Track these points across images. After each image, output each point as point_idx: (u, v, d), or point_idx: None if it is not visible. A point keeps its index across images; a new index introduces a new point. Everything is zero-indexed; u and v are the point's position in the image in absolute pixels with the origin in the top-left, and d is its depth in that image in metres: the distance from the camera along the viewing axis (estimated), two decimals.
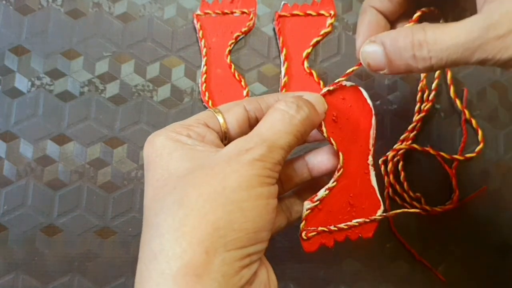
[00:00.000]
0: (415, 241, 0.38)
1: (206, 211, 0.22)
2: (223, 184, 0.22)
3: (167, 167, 0.24)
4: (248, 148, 0.23)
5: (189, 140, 0.25)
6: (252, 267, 0.23)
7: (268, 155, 0.23)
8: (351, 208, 0.30)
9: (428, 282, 0.38)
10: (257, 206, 0.23)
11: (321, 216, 0.29)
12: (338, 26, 0.41)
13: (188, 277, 0.21)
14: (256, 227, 0.22)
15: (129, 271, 0.37)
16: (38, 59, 0.40)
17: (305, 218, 0.29)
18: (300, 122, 0.26)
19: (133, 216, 0.38)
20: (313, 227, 0.29)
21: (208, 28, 0.41)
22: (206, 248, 0.21)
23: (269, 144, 0.24)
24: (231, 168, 0.23)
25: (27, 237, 0.37)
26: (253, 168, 0.23)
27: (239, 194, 0.22)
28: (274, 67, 0.41)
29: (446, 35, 0.23)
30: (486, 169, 0.39)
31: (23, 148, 0.38)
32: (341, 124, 0.30)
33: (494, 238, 0.38)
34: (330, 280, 0.37)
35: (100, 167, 0.38)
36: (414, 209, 0.36)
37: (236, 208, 0.22)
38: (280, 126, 0.25)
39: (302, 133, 0.26)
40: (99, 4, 0.41)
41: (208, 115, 0.27)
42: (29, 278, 0.37)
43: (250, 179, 0.23)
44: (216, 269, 0.21)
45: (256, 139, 0.24)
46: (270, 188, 0.24)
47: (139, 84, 0.40)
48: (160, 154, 0.25)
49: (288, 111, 0.26)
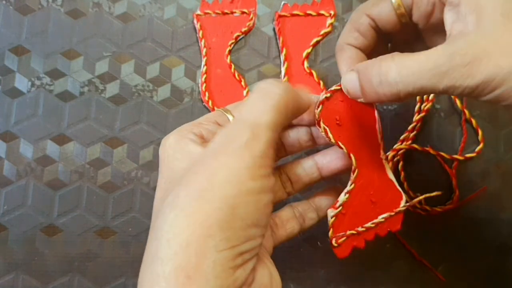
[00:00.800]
0: (415, 241, 0.38)
1: (194, 211, 0.21)
2: (211, 181, 0.21)
3: (171, 168, 0.24)
4: (232, 136, 0.22)
5: (195, 137, 0.25)
6: (246, 267, 0.22)
7: (253, 140, 0.22)
8: (374, 205, 0.30)
9: (428, 282, 0.38)
10: (247, 202, 0.22)
11: (346, 220, 0.29)
12: (338, 26, 0.41)
13: (180, 279, 0.20)
14: (246, 224, 0.22)
15: (129, 271, 0.37)
16: (38, 59, 0.40)
17: (331, 226, 0.29)
18: (280, 95, 0.24)
19: (133, 216, 0.38)
20: (341, 233, 0.29)
21: (208, 28, 0.41)
22: (195, 249, 0.21)
23: (252, 127, 0.22)
24: (218, 162, 0.22)
25: (27, 237, 0.37)
26: (241, 160, 0.22)
27: (228, 190, 0.21)
28: (274, 67, 0.41)
29: (413, 62, 0.24)
30: (486, 169, 0.39)
31: (23, 148, 0.38)
32: (346, 126, 0.29)
33: (494, 238, 0.38)
34: (330, 280, 0.37)
35: (100, 167, 0.38)
36: (416, 199, 0.36)
37: (224, 205, 0.21)
38: (258, 103, 0.24)
39: (286, 108, 0.24)
40: (99, 4, 0.41)
41: (218, 114, 0.27)
42: (29, 278, 0.37)
43: (239, 172, 0.21)
44: (208, 271, 0.21)
45: (239, 125, 0.23)
46: (263, 182, 0.22)
47: (139, 84, 0.40)
48: (168, 155, 0.25)
49: (264, 87, 0.24)
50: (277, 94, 0.24)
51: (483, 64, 0.22)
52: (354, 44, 0.30)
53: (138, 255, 0.37)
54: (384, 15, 0.28)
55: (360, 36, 0.29)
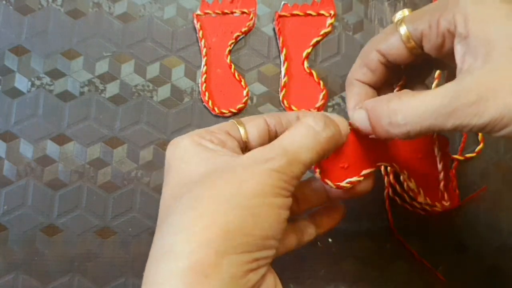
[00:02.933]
0: (415, 241, 0.38)
1: (218, 213, 0.22)
2: (238, 189, 0.22)
3: (188, 171, 0.24)
4: (268, 157, 0.23)
5: (211, 145, 0.25)
6: (259, 271, 0.23)
7: (287, 167, 0.23)
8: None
9: (428, 282, 0.38)
10: (269, 214, 0.23)
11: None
12: (338, 26, 0.41)
13: (195, 276, 0.21)
14: (266, 234, 0.23)
15: (129, 271, 0.37)
16: (38, 59, 0.40)
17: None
18: (325, 140, 0.25)
19: (133, 216, 0.38)
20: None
21: (208, 28, 0.41)
22: (216, 249, 0.21)
23: (290, 157, 0.24)
24: (247, 174, 0.23)
25: (27, 237, 0.37)
26: (269, 177, 0.23)
27: (252, 200, 0.22)
28: (274, 67, 0.41)
29: (419, 102, 0.24)
30: (486, 169, 0.39)
31: (23, 148, 0.38)
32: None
33: (494, 238, 0.38)
34: (330, 280, 0.37)
35: (100, 167, 0.38)
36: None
37: (248, 214, 0.22)
38: (304, 140, 0.25)
39: (325, 151, 0.26)
40: (99, 4, 0.41)
41: (230, 124, 0.28)
42: (29, 278, 0.37)
43: (265, 188, 0.23)
44: (224, 270, 0.21)
45: (277, 150, 0.24)
46: (284, 200, 0.24)
47: (139, 84, 0.40)
48: (182, 157, 0.25)
49: (314, 127, 0.25)
50: (323, 137, 0.25)
51: (490, 103, 0.22)
52: (363, 80, 0.30)
53: (138, 255, 0.37)
54: (394, 49, 0.28)
55: (369, 72, 0.29)
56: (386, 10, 0.42)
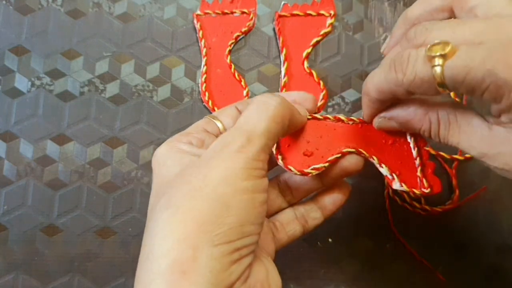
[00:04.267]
0: (415, 241, 0.38)
1: (190, 208, 0.22)
2: (206, 181, 0.22)
3: (164, 174, 0.25)
4: (227, 141, 0.24)
5: (186, 146, 0.26)
6: (242, 262, 0.22)
7: (248, 145, 0.23)
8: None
9: (428, 282, 0.38)
10: (242, 200, 0.22)
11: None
12: (338, 26, 0.41)
13: (175, 274, 0.21)
14: (241, 220, 0.22)
15: (129, 271, 0.37)
16: (38, 59, 0.40)
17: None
18: (276, 106, 0.25)
19: (133, 216, 0.38)
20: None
21: (208, 28, 0.41)
22: (192, 244, 0.21)
23: (248, 134, 0.24)
24: (214, 163, 0.23)
25: (27, 237, 0.37)
26: (235, 161, 0.23)
27: (222, 189, 0.22)
28: (274, 67, 0.41)
29: (467, 138, 0.24)
30: (486, 169, 0.39)
31: (23, 148, 0.38)
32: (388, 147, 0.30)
33: (494, 238, 0.38)
34: (330, 280, 0.37)
35: (100, 167, 0.38)
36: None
37: (219, 203, 0.22)
38: (255, 113, 0.25)
39: (281, 118, 0.25)
40: (99, 4, 0.41)
41: (206, 121, 0.28)
42: (29, 278, 0.37)
43: (232, 172, 0.23)
44: (203, 265, 0.21)
45: (235, 132, 0.24)
46: (256, 182, 0.23)
47: (139, 84, 0.40)
48: (158, 164, 0.26)
49: (262, 99, 0.26)
50: (272, 105, 0.25)
51: None
52: (385, 100, 0.27)
53: (138, 255, 0.37)
54: (427, 95, 0.25)
55: (393, 97, 0.26)
56: (386, 10, 0.42)
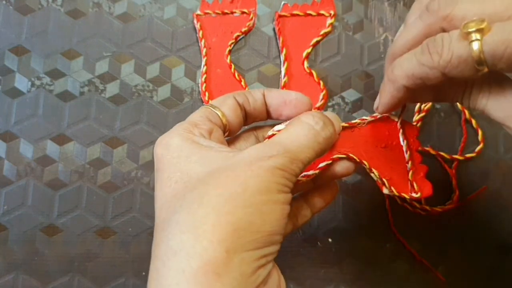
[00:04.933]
0: (415, 241, 0.38)
1: (226, 211, 0.22)
2: (244, 187, 0.22)
3: (187, 170, 0.24)
4: (270, 155, 0.24)
5: (204, 141, 0.25)
6: (267, 267, 0.23)
7: (288, 165, 0.24)
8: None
9: (428, 282, 0.38)
10: (275, 210, 0.23)
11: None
12: (338, 26, 0.41)
13: (208, 275, 0.21)
14: (273, 230, 0.23)
15: (129, 271, 0.37)
16: (38, 59, 0.40)
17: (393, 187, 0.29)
18: (324, 140, 0.26)
19: (133, 216, 0.38)
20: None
21: (208, 28, 0.41)
22: (227, 247, 0.21)
23: (291, 156, 0.24)
24: (252, 172, 0.23)
25: (27, 237, 0.37)
26: (273, 175, 0.23)
27: (258, 197, 0.22)
28: (274, 67, 0.41)
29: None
30: (486, 169, 0.39)
31: (23, 148, 0.38)
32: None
33: (494, 238, 0.38)
34: (330, 280, 0.37)
35: (100, 167, 0.38)
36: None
37: (255, 211, 0.22)
38: (304, 140, 0.25)
39: (322, 151, 0.26)
40: (99, 4, 0.41)
41: (208, 111, 0.27)
42: (29, 278, 0.37)
43: (270, 185, 0.23)
44: (235, 268, 0.21)
45: (279, 148, 0.24)
46: (286, 196, 0.24)
47: (139, 84, 0.40)
48: (177, 156, 0.25)
49: (314, 126, 0.26)
50: (322, 137, 0.26)
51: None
52: (412, 87, 0.26)
53: (138, 255, 0.37)
54: (463, 76, 0.23)
55: (423, 83, 0.25)
56: (386, 10, 0.42)
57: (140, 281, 0.37)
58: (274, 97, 0.29)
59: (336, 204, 0.38)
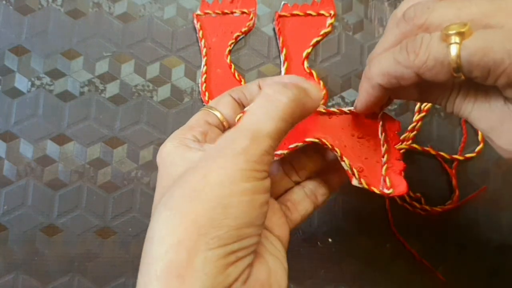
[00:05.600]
0: (415, 241, 0.38)
1: (187, 210, 0.21)
2: (204, 181, 0.22)
3: (170, 173, 0.24)
4: (230, 141, 0.23)
5: (192, 143, 0.25)
6: (240, 264, 0.22)
7: (251, 146, 0.22)
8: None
9: (428, 282, 0.38)
10: (241, 202, 0.22)
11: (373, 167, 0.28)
12: (338, 26, 0.41)
13: (171, 277, 0.20)
14: (239, 223, 0.21)
15: (129, 271, 0.37)
16: (38, 59, 0.40)
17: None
18: (286, 104, 0.23)
19: (133, 216, 0.38)
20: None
21: (208, 28, 0.41)
22: (187, 247, 0.21)
23: (253, 134, 0.22)
24: (214, 164, 0.22)
25: (27, 237, 0.37)
26: (236, 163, 0.22)
27: (220, 190, 0.21)
28: (274, 67, 0.41)
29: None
30: (486, 169, 0.39)
31: (23, 148, 0.38)
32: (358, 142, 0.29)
33: (494, 238, 0.38)
34: (330, 280, 0.37)
35: (100, 167, 0.38)
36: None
37: (217, 205, 0.21)
38: (262, 111, 0.23)
39: (292, 117, 0.24)
40: (99, 4, 0.41)
41: (205, 113, 0.27)
42: (29, 278, 0.37)
43: (233, 174, 0.22)
44: (198, 268, 0.21)
45: (239, 131, 0.23)
46: (257, 183, 0.22)
47: (139, 84, 0.40)
48: (165, 161, 0.25)
49: (271, 94, 0.24)
50: (282, 102, 0.23)
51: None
52: (387, 86, 0.25)
53: (138, 255, 0.37)
54: (437, 80, 0.23)
55: (398, 83, 0.25)
56: (386, 10, 0.42)
57: None
58: None
59: (336, 204, 0.38)
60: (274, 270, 0.24)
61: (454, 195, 0.38)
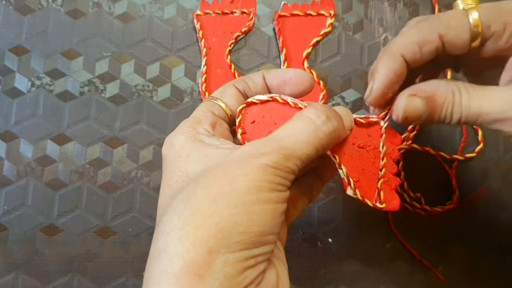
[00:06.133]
0: (415, 241, 0.38)
1: (211, 212, 0.21)
2: (232, 186, 0.22)
3: (185, 169, 0.24)
4: (263, 152, 0.23)
5: (207, 138, 0.25)
6: (257, 268, 0.22)
7: (282, 163, 0.23)
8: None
9: (428, 282, 0.38)
10: (264, 210, 0.22)
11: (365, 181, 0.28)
12: (338, 26, 0.41)
13: (190, 276, 0.21)
14: (262, 230, 0.22)
15: (129, 271, 0.37)
16: (38, 59, 0.40)
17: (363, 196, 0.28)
18: (326, 135, 0.24)
19: (133, 216, 0.38)
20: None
21: (208, 28, 0.41)
22: (209, 248, 0.21)
23: (286, 153, 0.23)
24: (241, 170, 0.22)
25: (27, 237, 0.37)
26: (264, 173, 0.22)
27: (246, 197, 0.22)
28: (274, 67, 0.41)
29: (487, 102, 0.25)
30: (486, 169, 0.39)
31: (23, 148, 0.38)
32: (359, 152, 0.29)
33: (494, 238, 0.38)
34: (330, 280, 0.37)
35: (100, 167, 0.38)
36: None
37: (242, 211, 0.22)
38: (302, 136, 0.24)
39: (324, 147, 0.24)
40: (99, 4, 0.41)
41: (211, 104, 0.27)
42: (29, 278, 0.37)
43: (260, 183, 0.22)
44: (218, 270, 0.21)
45: (273, 144, 0.23)
46: (280, 194, 0.23)
47: (139, 84, 0.40)
48: (179, 155, 0.24)
49: (315, 120, 0.24)
50: (323, 133, 0.24)
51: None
52: (408, 57, 0.27)
53: (138, 255, 0.37)
54: (457, 36, 0.26)
55: (419, 53, 0.27)
56: (386, 10, 0.42)
57: (140, 281, 0.37)
58: (273, 78, 0.28)
59: (336, 204, 0.38)
60: (280, 272, 0.25)
61: (454, 195, 0.38)
